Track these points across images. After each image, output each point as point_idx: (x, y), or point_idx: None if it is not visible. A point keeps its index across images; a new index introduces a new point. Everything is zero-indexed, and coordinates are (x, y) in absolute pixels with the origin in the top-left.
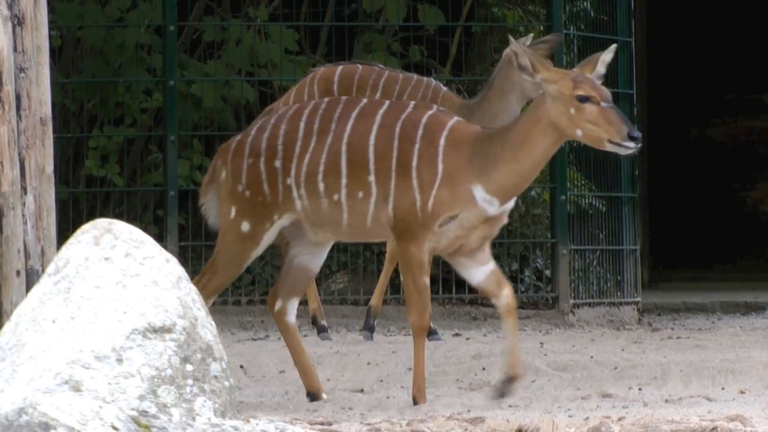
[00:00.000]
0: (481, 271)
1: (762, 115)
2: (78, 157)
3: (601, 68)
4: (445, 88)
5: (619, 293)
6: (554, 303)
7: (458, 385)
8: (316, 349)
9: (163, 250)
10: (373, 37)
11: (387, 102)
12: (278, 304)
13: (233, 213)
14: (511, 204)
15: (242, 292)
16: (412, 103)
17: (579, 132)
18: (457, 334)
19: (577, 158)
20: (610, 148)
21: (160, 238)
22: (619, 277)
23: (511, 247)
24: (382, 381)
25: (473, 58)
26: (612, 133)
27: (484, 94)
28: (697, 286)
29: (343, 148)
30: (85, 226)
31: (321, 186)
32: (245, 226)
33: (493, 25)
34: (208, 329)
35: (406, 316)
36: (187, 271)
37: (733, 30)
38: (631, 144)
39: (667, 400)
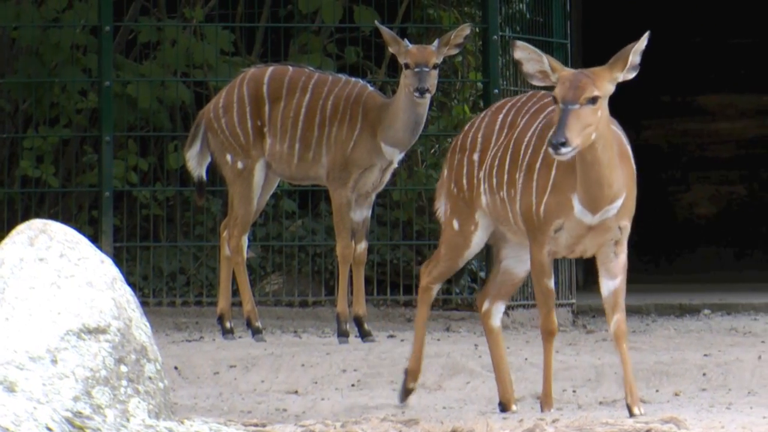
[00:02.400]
0: (606, 285)
1: (697, 117)
2: (13, 157)
3: (635, 58)
4: (371, 88)
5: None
6: None
7: (392, 387)
8: (250, 350)
9: (98, 251)
10: (309, 38)
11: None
12: (485, 306)
13: (449, 211)
14: (611, 212)
15: (177, 293)
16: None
17: None
18: (391, 336)
19: None
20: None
21: (95, 238)
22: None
23: None
24: (316, 383)
25: None
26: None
27: (398, 94)
28: (632, 288)
29: (511, 144)
30: (20, 227)
31: (494, 182)
32: (455, 225)
33: (429, 26)
34: (142, 330)
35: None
36: (122, 272)
37: (668, 32)
38: (550, 149)
39: (601, 402)
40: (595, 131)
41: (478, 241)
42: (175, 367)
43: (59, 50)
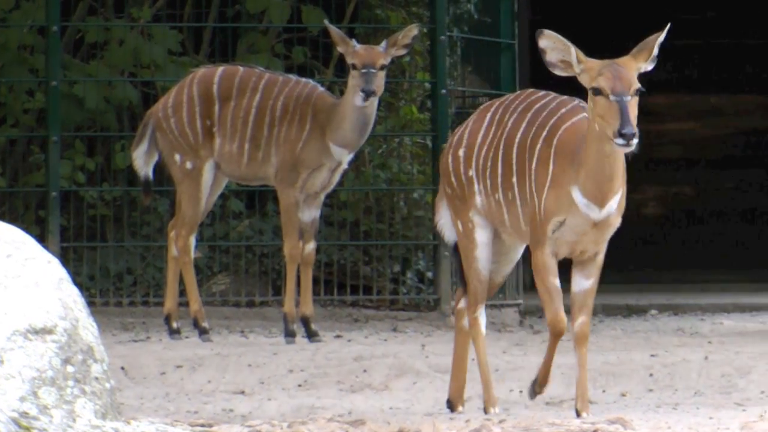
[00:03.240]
0: (580, 284)
1: (646, 118)
2: None
3: (656, 50)
4: (321, 89)
5: (500, 295)
6: (436, 305)
7: (339, 387)
8: (197, 350)
9: (45, 251)
10: (257, 39)
11: (549, 96)
12: (460, 305)
13: (453, 215)
14: (610, 209)
15: (124, 293)
16: (561, 98)
17: (596, 127)
18: (338, 336)
19: None
20: (610, 142)
21: (41, 238)
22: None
23: (393, 249)
24: (263, 383)
25: None
26: (609, 128)
27: (346, 95)
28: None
29: (502, 145)
30: None
31: (488, 183)
32: (460, 226)
33: (377, 26)
34: (89, 330)
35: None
36: (69, 273)
37: (617, 32)
38: (621, 141)
39: (548, 403)
40: None
41: (482, 239)
42: (122, 368)
43: (6, 50)
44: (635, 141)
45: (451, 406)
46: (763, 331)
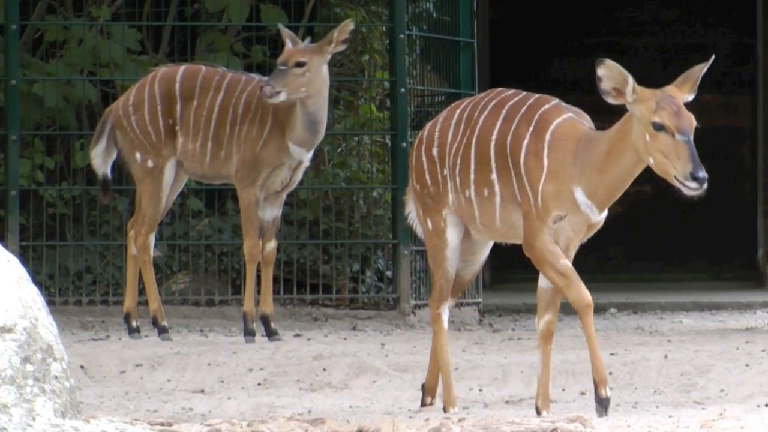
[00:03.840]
0: (548, 280)
1: (603, 117)
2: None
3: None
4: None
5: (460, 294)
6: (395, 304)
7: (299, 386)
8: (156, 349)
9: (4, 250)
10: (216, 37)
11: (521, 94)
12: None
13: (421, 213)
14: (605, 213)
15: (83, 292)
16: (536, 96)
17: (651, 160)
18: (298, 335)
19: None
20: (675, 184)
21: (1, 237)
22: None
23: (352, 248)
24: (223, 382)
25: None
26: (677, 169)
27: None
28: (527, 287)
29: (474, 143)
30: None
31: (458, 180)
32: (429, 224)
33: (336, 25)
34: (48, 329)
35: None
36: (28, 271)
37: (577, 30)
38: (694, 185)
39: (507, 401)
40: None
41: (453, 237)
42: (82, 366)
43: None
44: (706, 185)
45: (425, 393)
46: (723, 330)
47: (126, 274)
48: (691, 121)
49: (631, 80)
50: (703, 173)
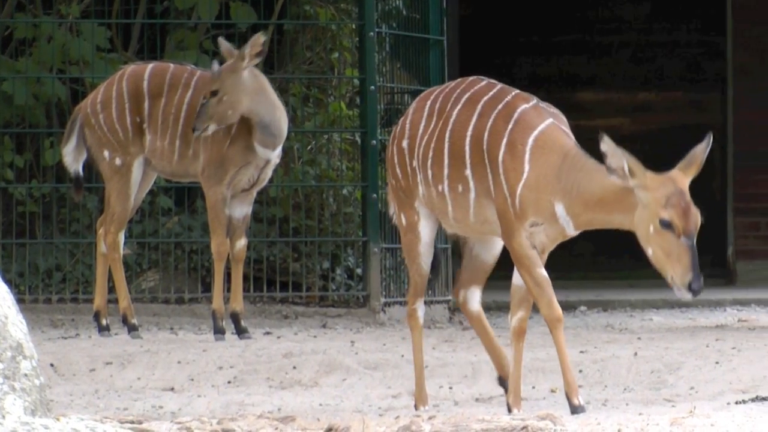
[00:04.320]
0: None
1: (573, 114)
2: None
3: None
4: None
5: (430, 292)
6: (365, 301)
7: (269, 384)
8: (126, 347)
9: None
10: (185, 35)
11: (496, 87)
12: (461, 295)
13: (396, 208)
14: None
15: (53, 290)
16: (514, 92)
17: (649, 250)
18: (268, 333)
19: None
20: (668, 281)
21: None
22: (430, 276)
23: (322, 246)
24: (193, 379)
25: (285, 56)
26: (675, 273)
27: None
28: (508, 285)
29: (447, 137)
30: None
31: (430, 174)
32: (403, 219)
33: (306, 23)
34: (18, 327)
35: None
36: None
37: (543, 30)
38: (688, 295)
39: (477, 399)
40: None
41: (427, 231)
42: (52, 364)
43: None
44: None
45: (502, 381)
46: (692, 327)
47: (95, 272)
48: (697, 221)
49: (625, 161)
50: (699, 284)
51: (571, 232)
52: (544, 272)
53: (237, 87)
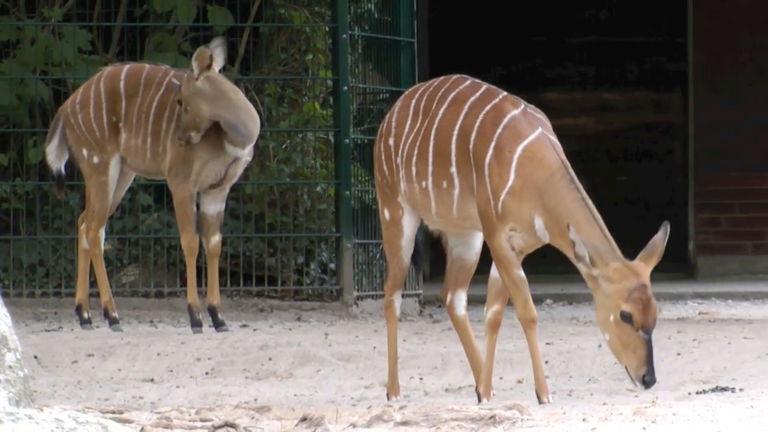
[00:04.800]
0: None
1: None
2: None
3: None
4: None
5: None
6: (339, 295)
7: (245, 375)
8: (107, 340)
9: None
10: (164, 37)
11: (482, 89)
12: (448, 298)
13: (380, 202)
14: None
15: (36, 284)
16: (501, 95)
17: (606, 336)
18: (244, 325)
19: (361, 155)
20: (622, 368)
21: None
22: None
23: (296, 241)
24: (172, 371)
25: (261, 58)
26: (630, 364)
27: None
28: (476, 279)
29: (433, 134)
30: None
31: (414, 170)
32: (387, 214)
33: (280, 25)
34: (2, 320)
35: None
36: None
37: (511, 30)
38: (640, 387)
39: (447, 390)
40: None
41: (409, 225)
42: (35, 356)
43: None
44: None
45: (480, 397)
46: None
47: (78, 267)
48: (656, 316)
49: (587, 256)
50: (652, 377)
51: (547, 240)
52: (521, 273)
53: (194, 96)
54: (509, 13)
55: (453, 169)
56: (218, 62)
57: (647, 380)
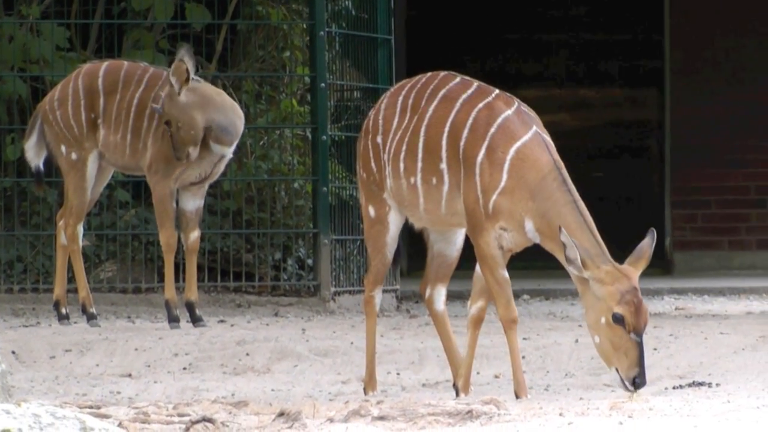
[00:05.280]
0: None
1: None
2: None
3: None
4: (200, 81)
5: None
6: (316, 291)
7: (223, 370)
8: (85, 335)
9: None
10: (142, 35)
11: (473, 86)
12: (427, 292)
13: (364, 199)
14: None
15: (14, 280)
16: (495, 92)
17: (596, 338)
18: (221, 321)
19: (338, 152)
20: (612, 371)
21: None
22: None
23: (274, 237)
24: (149, 366)
25: (238, 55)
26: (621, 366)
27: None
28: (453, 274)
29: (422, 131)
30: None
31: (401, 167)
32: (372, 212)
33: (258, 23)
34: None
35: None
36: None
37: (488, 28)
38: (630, 388)
39: (424, 384)
40: None
41: (395, 222)
42: (13, 352)
43: None
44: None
45: (458, 390)
46: None
47: (56, 262)
48: (647, 319)
49: (578, 253)
50: (643, 379)
51: (538, 240)
52: (505, 273)
53: (183, 112)
54: (486, 10)
55: (443, 166)
56: (191, 70)
57: (638, 382)
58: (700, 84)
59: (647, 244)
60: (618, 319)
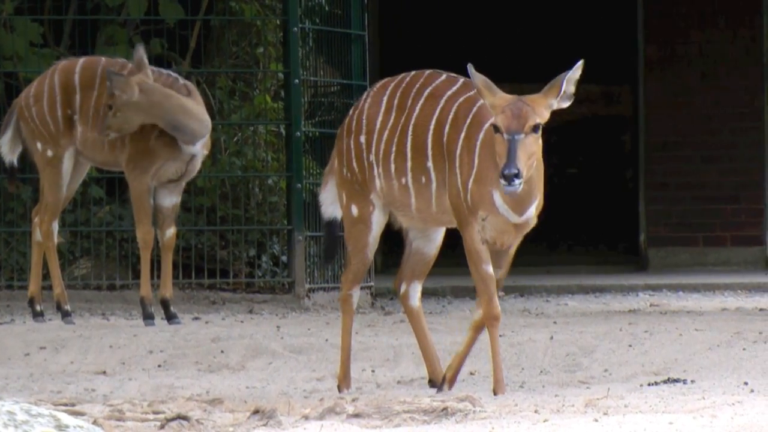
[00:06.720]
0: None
1: None
2: None
3: (569, 87)
4: (182, 81)
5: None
6: (290, 288)
7: (197, 367)
8: (59, 332)
9: None
10: (115, 30)
11: (458, 82)
12: (402, 288)
13: (345, 198)
14: (529, 214)
15: None
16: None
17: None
18: (196, 318)
19: (312, 148)
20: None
21: None
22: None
23: (248, 234)
24: (124, 363)
25: (212, 51)
26: (499, 168)
27: None
28: (429, 271)
29: (410, 130)
30: None
31: (392, 167)
32: (354, 211)
33: (231, 19)
34: None
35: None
36: None
37: (462, 25)
38: (502, 181)
39: (399, 382)
40: (536, 159)
41: (378, 221)
42: None
43: None
44: (517, 181)
45: (434, 384)
46: (606, 312)
47: (30, 259)
48: (524, 121)
49: (480, 81)
50: (509, 169)
51: (515, 220)
52: (490, 269)
53: (127, 107)
54: (459, 7)
55: (429, 164)
56: (146, 69)
57: (505, 173)
58: (674, 80)
59: (563, 75)
60: (496, 128)
